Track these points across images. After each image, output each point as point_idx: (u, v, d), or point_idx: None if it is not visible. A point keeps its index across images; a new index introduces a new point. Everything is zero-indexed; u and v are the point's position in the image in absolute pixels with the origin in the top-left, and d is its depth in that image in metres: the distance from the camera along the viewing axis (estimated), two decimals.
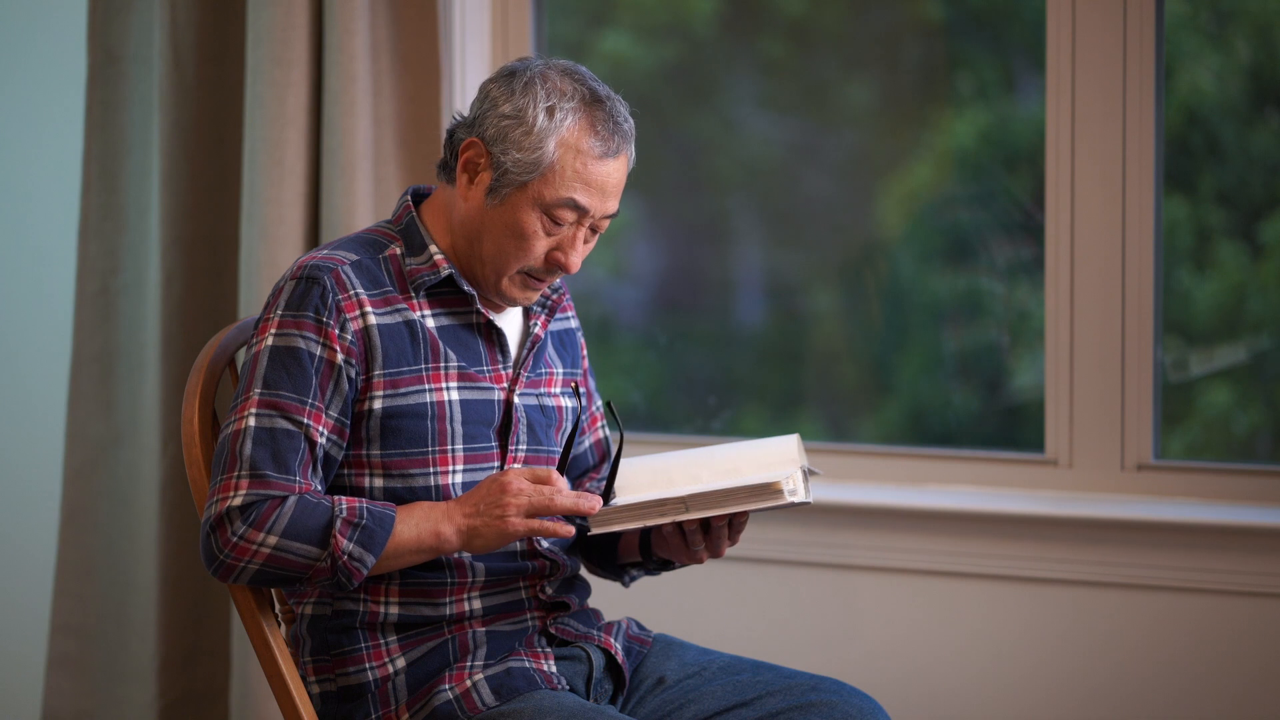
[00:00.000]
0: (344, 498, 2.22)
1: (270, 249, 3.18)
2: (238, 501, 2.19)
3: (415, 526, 2.22)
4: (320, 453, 2.24)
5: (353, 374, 2.25)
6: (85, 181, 3.33)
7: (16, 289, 3.65)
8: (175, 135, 3.27)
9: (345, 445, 2.26)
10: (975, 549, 3.12)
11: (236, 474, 2.21)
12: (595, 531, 2.23)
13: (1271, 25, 3.10)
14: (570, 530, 2.21)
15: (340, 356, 2.24)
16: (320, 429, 2.23)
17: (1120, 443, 3.08)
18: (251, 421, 2.22)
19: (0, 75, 3.64)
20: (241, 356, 2.86)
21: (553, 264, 2.30)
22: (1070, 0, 3.07)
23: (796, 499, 2.22)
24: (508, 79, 2.28)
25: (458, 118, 2.35)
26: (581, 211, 2.27)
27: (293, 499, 2.19)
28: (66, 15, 3.54)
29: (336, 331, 2.24)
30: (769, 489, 2.21)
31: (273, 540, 2.19)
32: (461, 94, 3.33)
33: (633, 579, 2.47)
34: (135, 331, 3.33)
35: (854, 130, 3.38)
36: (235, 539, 2.19)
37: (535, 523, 2.20)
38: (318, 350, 2.23)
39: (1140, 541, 3.02)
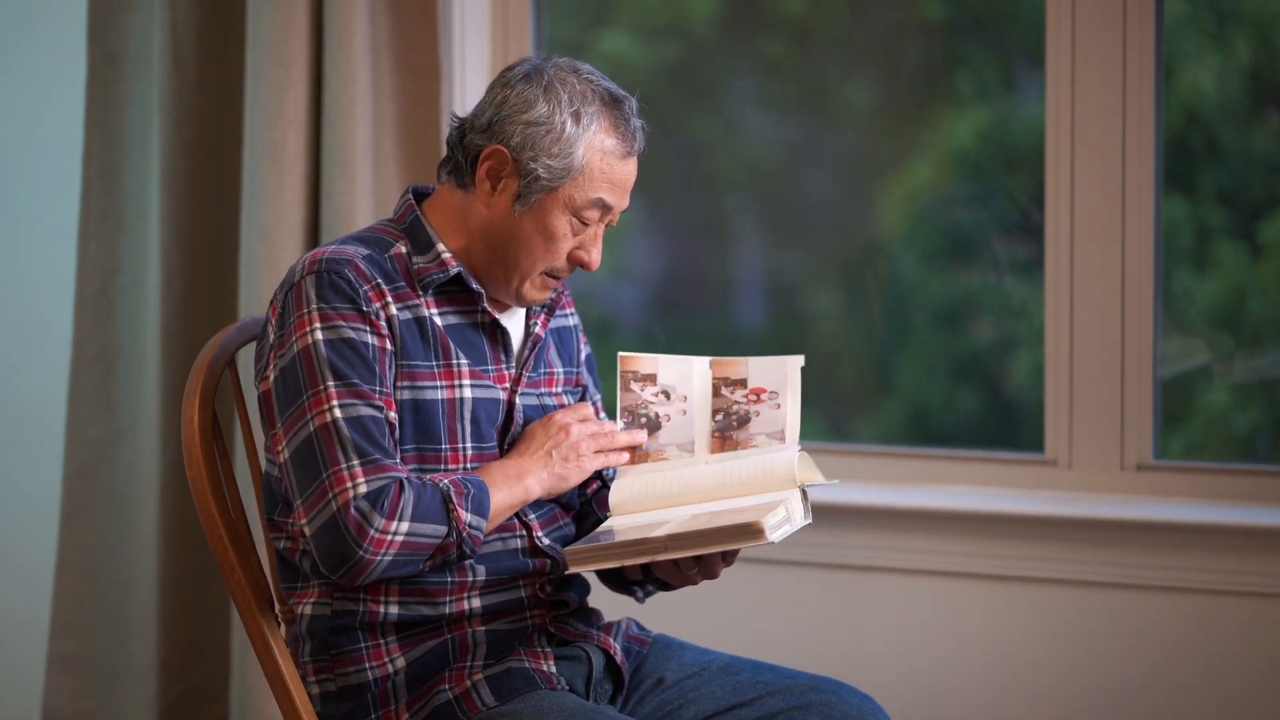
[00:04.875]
0: (436, 474, 2.23)
1: (270, 249, 3.18)
2: (363, 489, 2.17)
3: (504, 487, 2.27)
4: (397, 436, 2.24)
5: (394, 360, 2.25)
6: (85, 181, 3.33)
7: (16, 289, 3.65)
8: (175, 135, 3.27)
9: None
10: (975, 549, 3.12)
11: (347, 463, 2.18)
12: (573, 570, 2.22)
13: (1271, 25, 3.10)
14: (626, 458, 2.35)
15: (387, 343, 2.24)
16: (393, 414, 2.23)
17: (1120, 443, 3.08)
18: (338, 412, 2.19)
19: (0, 75, 3.64)
20: (242, 356, 2.85)
21: (575, 262, 2.33)
22: (1070, 0, 3.07)
23: (782, 533, 2.16)
24: (525, 84, 2.28)
25: (457, 120, 2.34)
26: (606, 210, 2.30)
27: (406, 481, 2.19)
28: (66, 15, 3.54)
29: (375, 318, 2.24)
30: (749, 529, 2.13)
31: (405, 527, 2.18)
32: (461, 94, 3.33)
33: (648, 594, 2.47)
34: (135, 331, 3.33)
35: (854, 130, 3.38)
36: (375, 532, 2.16)
37: (603, 457, 2.33)
38: (369, 339, 2.23)
39: (1140, 541, 3.02)
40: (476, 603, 2.31)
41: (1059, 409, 3.11)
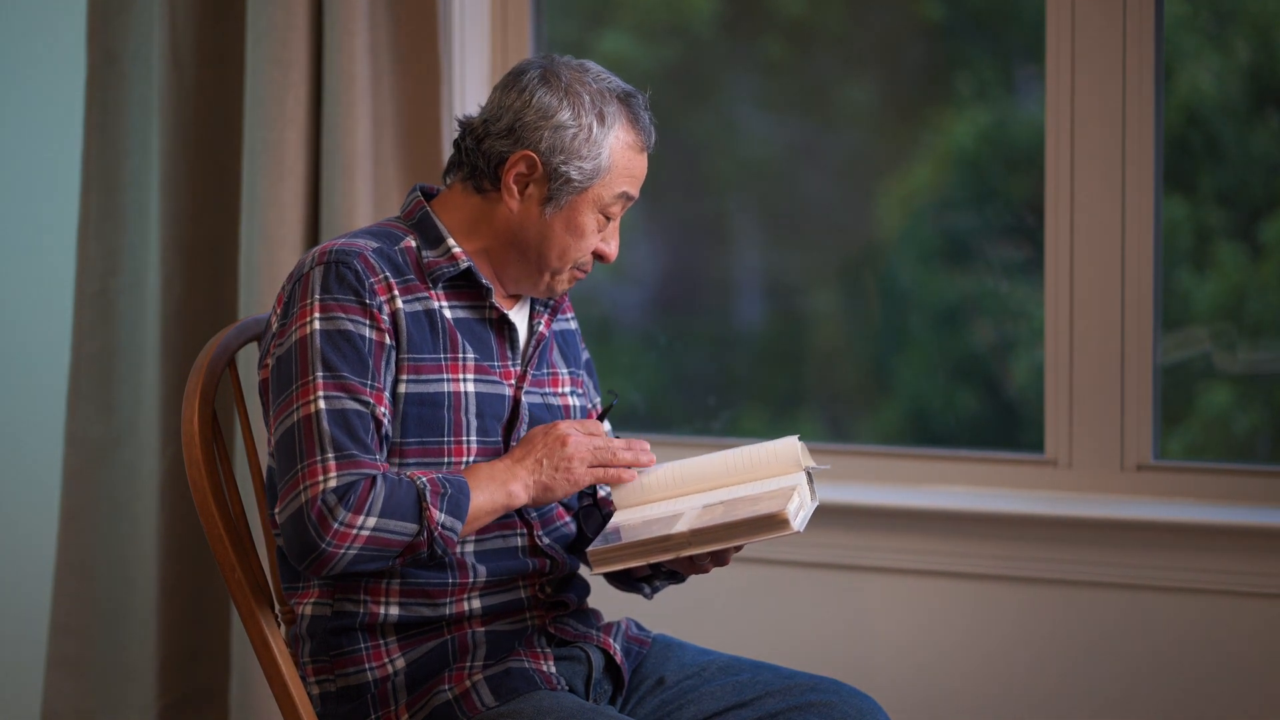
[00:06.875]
0: (416, 472, 2.23)
1: (270, 249, 3.18)
2: (333, 483, 2.17)
3: (487, 490, 2.25)
4: (384, 432, 2.24)
5: (394, 355, 2.26)
6: (85, 182, 3.33)
7: (16, 289, 3.65)
8: (175, 136, 3.27)
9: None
10: (975, 549, 3.12)
11: (321, 457, 2.18)
12: (597, 571, 2.22)
13: (1271, 25, 3.10)
14: (634, 475, 2.31)
15: (386, 338, 2.25)
16: (382, 409, 2.23)
17: (1120, 443, 3.08)
18: (322, 404, 2.20)
19: (0, 75, 3.64)
20: (242, 356, 2.86)
21: (596, 255, 2.36)
22: (1070, 0, 3.07)
23: (802, 519, 2.18)
24: (543, 88, 2.30)
25: (463, 124, 2.34)
26: (628, 202, 2.35)
27: (380, 477, 2.19)
28: (66, 15, 3.54)
29: (377, 312, 2.24)
30: (774, 520, 2.15)
31: (372, 522, 2.18)
32: (461, 94, 3.33)
33: (656, 589, 2.47)
34: (135, 332, 3.33)
35: (854, 130, 3.38)
36: (338, 525, 2.16)
37: (600, 471, 2.30)
38: (367, 332, 2.24)
39: (1140, 541, 3.02)
40: (476, 603, 2.31)
41: (1059, 409, 3.11)
